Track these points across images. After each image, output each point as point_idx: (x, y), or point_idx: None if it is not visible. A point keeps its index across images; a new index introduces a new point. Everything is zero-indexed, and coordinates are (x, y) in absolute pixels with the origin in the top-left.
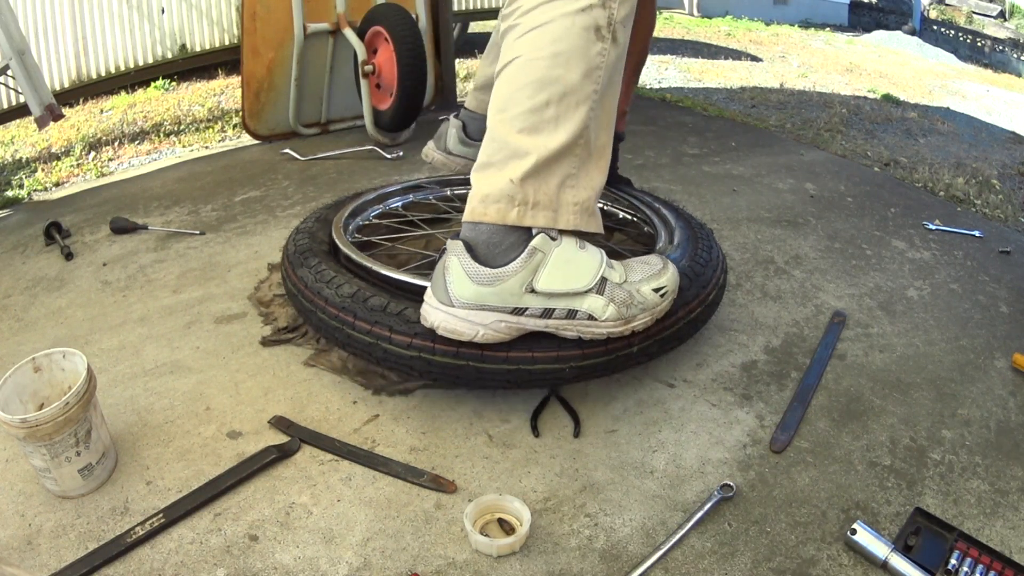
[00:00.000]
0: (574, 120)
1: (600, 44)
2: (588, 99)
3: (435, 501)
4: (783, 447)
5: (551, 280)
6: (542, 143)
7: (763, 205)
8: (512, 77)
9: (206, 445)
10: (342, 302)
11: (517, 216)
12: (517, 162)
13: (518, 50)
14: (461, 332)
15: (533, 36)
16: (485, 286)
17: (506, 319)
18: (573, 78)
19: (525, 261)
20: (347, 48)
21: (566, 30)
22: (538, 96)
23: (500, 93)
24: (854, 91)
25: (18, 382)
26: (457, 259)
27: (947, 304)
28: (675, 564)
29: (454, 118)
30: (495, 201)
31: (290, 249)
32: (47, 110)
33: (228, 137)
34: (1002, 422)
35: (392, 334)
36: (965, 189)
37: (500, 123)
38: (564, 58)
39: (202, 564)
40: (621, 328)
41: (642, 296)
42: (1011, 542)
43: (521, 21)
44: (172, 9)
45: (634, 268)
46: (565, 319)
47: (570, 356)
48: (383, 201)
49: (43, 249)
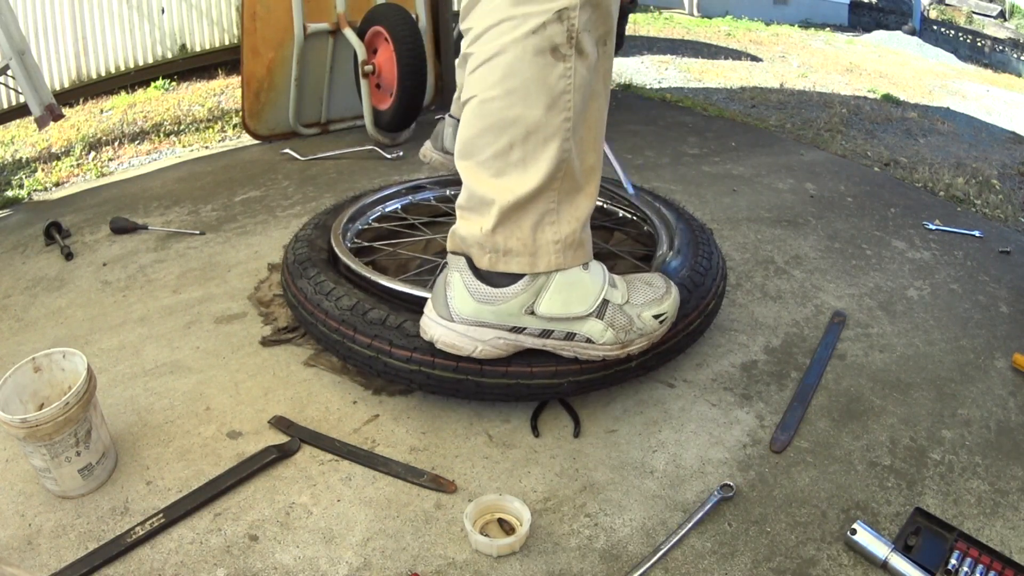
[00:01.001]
0: (544, 158)
1: (562, 65)
2: (558, 132)
3: (435, 501)
4: (783, 447)
5: (551, 304)
6: (508, 188)
7: (763, 205)
8: (469, 120)
9: (206, 445)
10: (341, 315)
11: (490, 263)
12: (486, 211)
13: (472, 87)
14: (460, 347)
15: (484, 72)
16: (485, 304)
17: (504, 336)
18: (535, 115)
19: (527, 284)
20: (347, 48)
21: (517, 60)
22: (499, 141)
23: (462, 136)
24: (854, 91)
25: (18, 382)
26: (459, 275)
27: (947, 304)
28: (675, 564)
29: (449, 117)
30: (471, 246)
31: (289, 259)
32: (47, 110)
33: (228, 137)
34: (1002, 422)
35: (392, 348)
36: (965, 189)
37: (465, 170)
38: (520, 95)
39: (202, 564)
40: (618, 352)
41: (642, 322)
42: (1011, 542)
43: (473, 50)
44: (172, 9)
45: (637, 289)
46: (563, 340)
47: (568, 371)
48: (382, 204)
49: (43, 249)
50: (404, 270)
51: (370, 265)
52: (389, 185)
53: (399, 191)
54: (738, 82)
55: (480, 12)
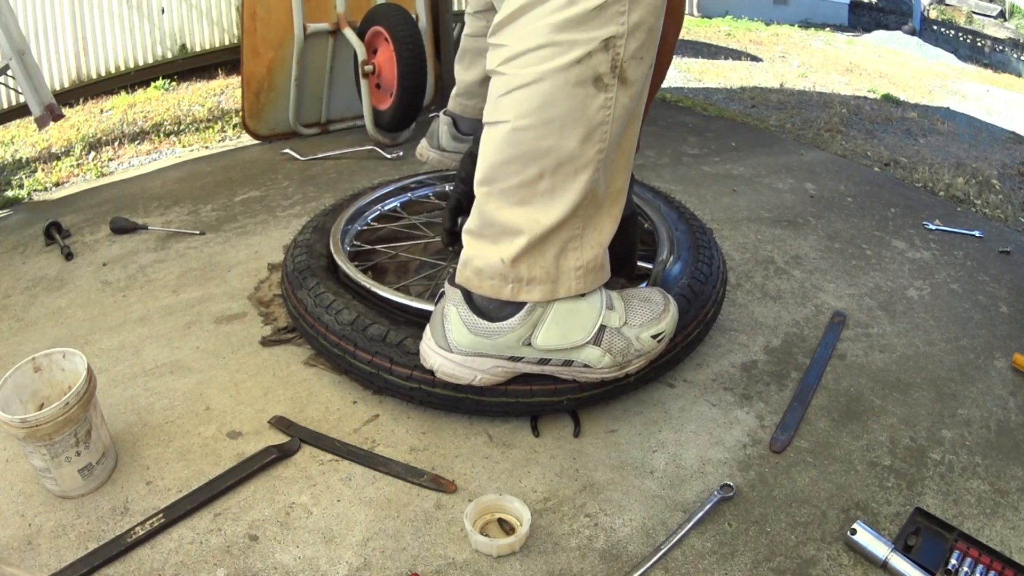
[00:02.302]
0: (573, 189)
1: (603, 96)
2: (591, 164)
3: (435, 501)
4: (783, 447)
5: (549, 336)
6: (535, 219)
7: (763, 205)
8: (498, 147)
9: (206, 445)
10: (342, 330)
11: (511, 293)
12: (508, 241)
13: (503, 112)
14: (459, 376)
15: (520, 97)
16: (482, 337)
17: (503, 364)
18: (569, 146)
19: (523, 318)
20: (347, 48)
21: (558, 90)
22: (528, 170)
23: (485, 161)
24: (854, 91)
25: (18, 382)
26: (455, 309)
27: (947, 304)
28: (675, 564)
29: (444, 115)
30: (489, 277)
31: (289, 267)
32: (47, 110)
33: (228, 137)
34: (1002, 422)
35: (393, 365)
36: (965, 189)
37: (486, 197)
38: (557, 125)
39: (202, 564)
40: (616, 373)
41: (640, 343)
42: (1011, 542)
43: (506, 71)
44: (172, 9)
45: (635, 309)
46: (561, 366)
47: (567, 389)
48: (380, 203)
49: (43, 249)
50: (404, 270)
51: (369, 272)
52: (385, 183)
53: (396, 189)
54: (738, 82)
55: (518, 32)
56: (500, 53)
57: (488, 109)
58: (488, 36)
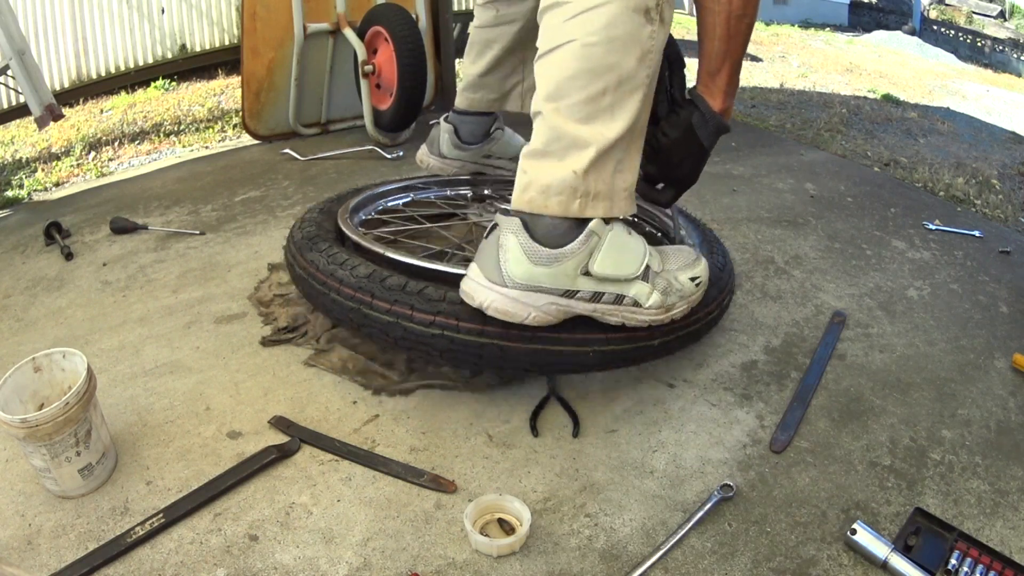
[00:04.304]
0: (630, 107)
1: (650, 27)
2: (643, 85)
3: (435, 501)
4: (783, 447)
5: (605, 264)
6: (600, 133)
7: (763, 205)
8: (564, 63)
9: (206, 445)
10: (358, 282)
11: (579, 208)
12: (578, 153)
13: (570, 33)
14: (513, 313)
15: (585, 19)
16: (543, 266)
17: (557, 302)
18: (629, 64)
19: (583, 243)
20: (347, 48)
21: (620, 13)
22: (594, 84)
23: (551, 78)
24: (854, 91)
25: (18, 382)
26: (515, 236)
27: (947, 304)
28: (675, 564)
29: (444, 122)
30: (557, 193)
31: (296, 236)
32: (47, 110)
33: (228, 137)
34: (1002, 422)
35: (414, 312)
36: (965, 189)
37: (554, 112)
38: (620, 43)
39: (202, 564)
40: (662, 316)
41: (680, 284)
42: (1011, 542)
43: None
44: (172, 9)
45: (670, 256)
46: (612, 304)
47: (595, 340)
48: (384, 198)
49: (43, 249)
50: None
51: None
52: (387, 182)
53: (396, 188)
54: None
55: None
56: None
57: (549, 36)
58: None
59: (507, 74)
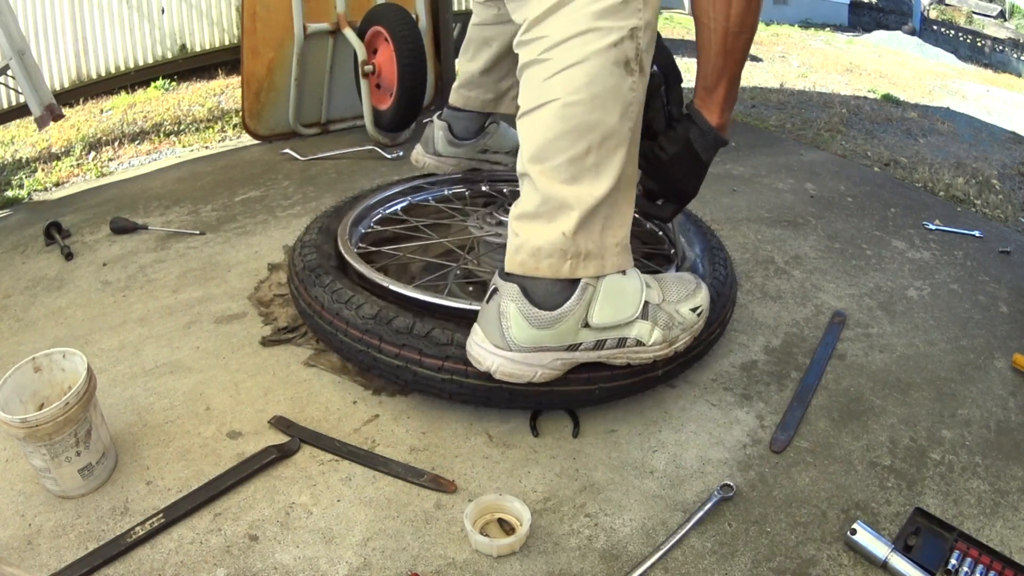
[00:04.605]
0: (615, 164)
1: (631, 78)
2: (626, 140)
3: (435, 501)
4: (783, 447)
5: (603, 314)
6: (587, 193)
7: (763, 205)
8: (548, 123)
9: (206, 445)
10: (365, 324)
11: (570, 269)
12: (565, 216)
13: (551, 92)
14: (519, 375)
15: (567, 76)
16: (544, 329)
17: (562, 356)
18: (611, 120)
19: (579, 298)
20: (347, 48)
21: (601, 68)
22: (578, 144)
23: (535, 139)
24: (854, 91)
25: (18, 382)
26: (515, 305)
27: (947, 304)
28: (675, 564)
29: (438, 119)
30: (548, 255)
31: (298, 265)
32: (47, 110)
33: (228, 137)
34: (1002, 422)
35: (423, 357)
36: (965, 189)
37: (540, 174)
38: (601, 100)
39: (202, 564)
40: (666, 350)
41: (682, 317)
42: (1011, 542)
43: (551, 56)
44: (172, 9)
45: (670, 287)
46: (616, 348)
47: (600, 378)
48: (382, 205)
49: (43, 249)
50: (406, 272)
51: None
52: (388, 185)
53: (398, 192)
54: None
55: (560, 22)
56: (541, 44)
57: (530, 95)
58: (519, 35)
59: (503, 74)
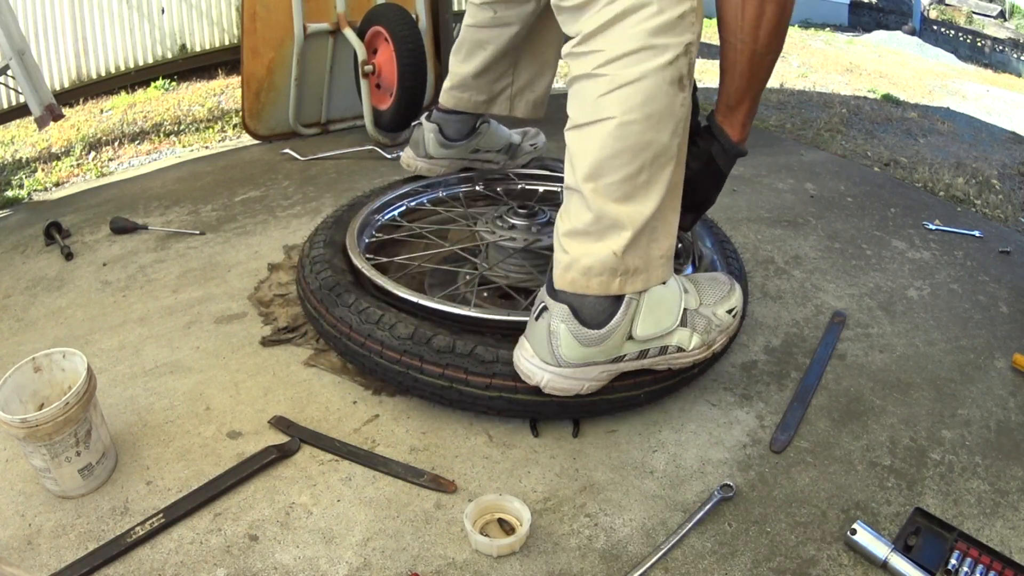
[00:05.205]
0: (663, 180)
1: (682, 95)
2: (674, 156)
3: (435, 501)
4: (783, 447)
5: (646, 326)
6: (637, 212)
7: (763, 205)
8: (603, 142)
9: (206, 445)
10: (403, 345)
11: (619, 286)
12: (615, 235)
13: (608, 109)
14: (568, 389)
15: (623, 95)
16: (593, 347)
17: (608, 368)
18: (663, 139)
19: (624, 314)
20: (347, 48)
21: (657, 87)
22: (632, 164)
23: (589, 156)
24: (854, 91)
25: (18, 382)
26: (565, 325)
27: (947, 304)
28: (675, 564)
29: (427, 121)
30: (598, 274)
31: (313, 284)
32: (47, 110)
33: (228, 137)
34: (1002, 422)
35: (468, 376)
36: (965, 189)
37: (593, 192)
38: (656, 119)
39: (202, 564)
40: (705, 354)
41: (719, 319)
42: (1011, 542)
43: (606, 72)
44: (172, 9)
45: (706, 290)
46: (658, 356)
47: (644, 382)
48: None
49: (43, 249)
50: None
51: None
52: (389, 189)
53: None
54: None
55: (616, 37)
56: (596, 58)
57: (583, 109)
58: (571, 47)
59: (497, 76)
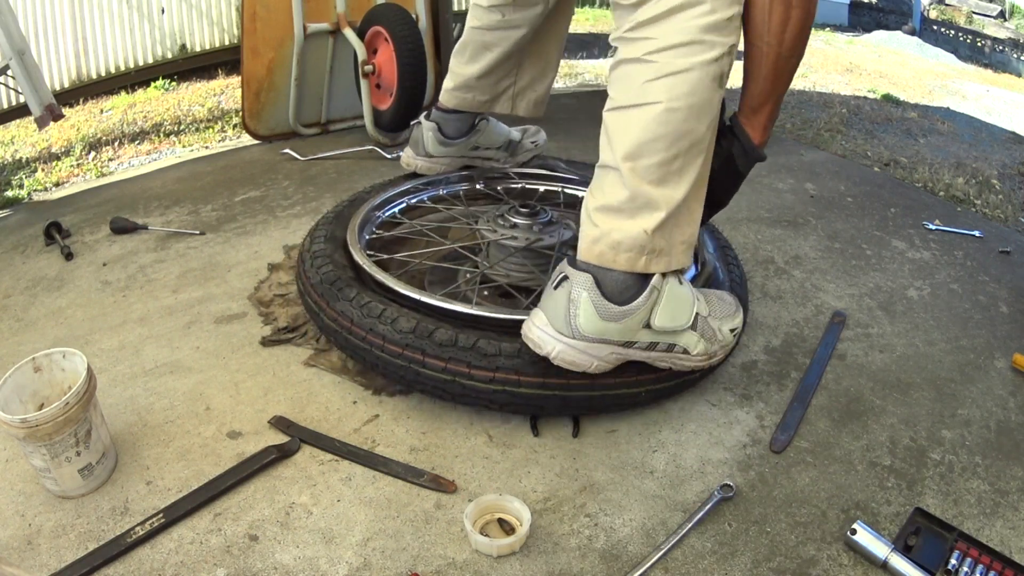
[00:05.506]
0: (694, 169)
1: (720, 92)
2: (706, 148)
3: (435, 501)
4: (783, 447)
5: (664, 317)
6: (670, 195)
7: (763, 205)
8: (647, 125)
9: (206, 445)
10: (404, 339)
11: (645, 264)
12: (649, 214)
13: (654, 94)
14: (579, 363)
15: (671, 83)
16: (612, 322)
17: (617, 351)
18: (701, 130)
19: (646, 299)
20: (347, 48)
21: (701, 81)
22: (671, 149)
23: (631, 137)
24: (854, 91)
25: (18, 382)
26: (587, 293)
27: (947, 304)
28: (675, 564)
29: (425, 120)
30: (627, 250)
31: (314, 279)
32: (47, 110)
33: (228, 137)
34: (1002, 422)
35: (471, 369)
36: (965, 189)
37: (631, 172)
38: (697, 110)
39: (202, 564)
40: (705, 363)
41: (723, 335)
42: (1011, 542)
43: (656, 59)
44: (172, 9)
45: (715, 304)
46: (665, 352)
47: (647, 380)
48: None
49: (43, 249)
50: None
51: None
52: (389, 187)
53: (397, 193)
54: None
55: (669, 28)
56: (647, 44)
57: (628, 91)
58: (622, 32)
59: (501, 77)
